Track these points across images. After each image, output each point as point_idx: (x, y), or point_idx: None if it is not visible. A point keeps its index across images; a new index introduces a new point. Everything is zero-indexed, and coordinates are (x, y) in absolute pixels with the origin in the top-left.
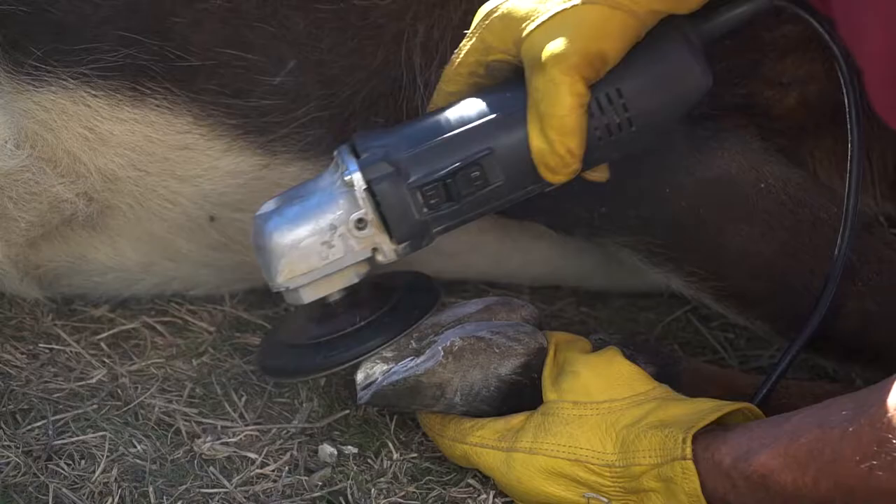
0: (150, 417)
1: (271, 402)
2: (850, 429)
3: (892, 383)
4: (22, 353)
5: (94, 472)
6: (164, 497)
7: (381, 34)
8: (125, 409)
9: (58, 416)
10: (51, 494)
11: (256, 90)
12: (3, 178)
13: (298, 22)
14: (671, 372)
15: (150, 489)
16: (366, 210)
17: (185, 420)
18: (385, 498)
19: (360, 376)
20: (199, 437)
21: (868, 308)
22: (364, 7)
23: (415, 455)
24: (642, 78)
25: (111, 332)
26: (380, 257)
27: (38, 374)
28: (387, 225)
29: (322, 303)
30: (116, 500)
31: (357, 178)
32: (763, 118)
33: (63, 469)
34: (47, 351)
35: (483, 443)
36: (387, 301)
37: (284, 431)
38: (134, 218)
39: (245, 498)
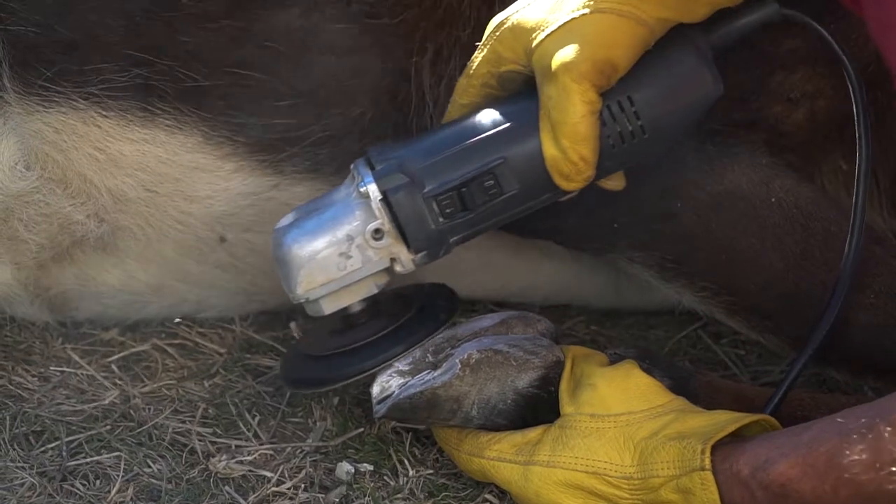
0: (164, 438)
1: (285, 422)
2: (870, 436)
3: None
4: (33, 376)
5: (109, 491)
6: None
7: (390, 53)
8: (139, 429)
9: (71, 438)
10: None
11: (266, 110)
12: (14, 201)
13: (308, 41)
14: (687, 386)
15: None
16: (382, 220)
17: (200, 440)
18: None
19: (375, 389)
20: (213, 457)
21: (880, 320)
22: (373, 26)
23: (430, 471)
24: (653, 86)
25: (122, 354)
26: (398, 267)
27: (51, 397)
28: (403, 235)
29: (343, 314)
30: None
31: (373, 189)
32: (771, 134)
33: (79, 489)
34: (58, 373)
35: (500, 457)
36: (407, 310)
37: (299, 450)
38: (144, 239)
39: None
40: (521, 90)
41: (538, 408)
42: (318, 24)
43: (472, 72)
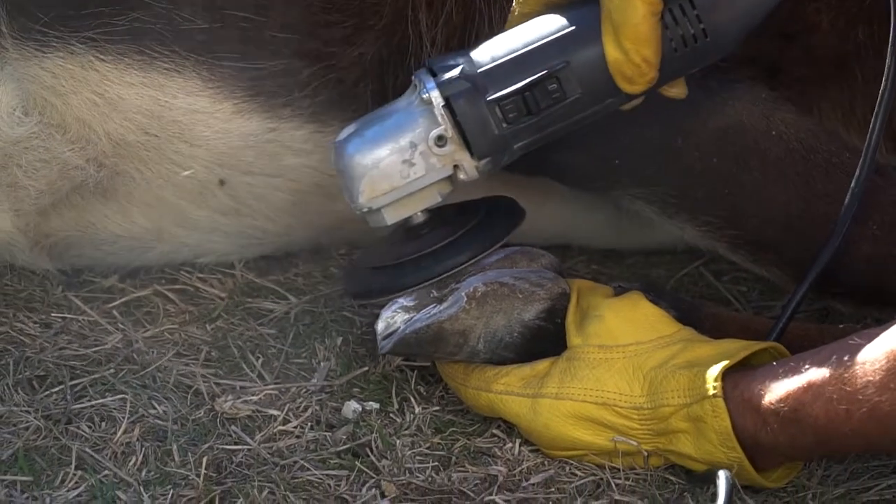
0: (169, 380)
1: (289, 363)
2: (882, 355)
3: None
4: (35, 323)
5: (115, 433)
6: (189, 454)
7: None
8: (142, 372)
9: (75, 381)
10: (73, 456)
11: (264, 52)
12: (13, 147)
13: None
14: (693, 317)
15: (174, 447)
16: (445, 126)
17: (204, 381)
18: (410, 450)
19: (380, 325)
20: (219, 397)
21: (883, 251)
22: None
23: (437, 408)
24: None
25: (123, 300)
26: (461, 175)
27: (53, 342)
28: (466, 141)
29: (405, 225)
30: (140, 459)
31: (435, 96)
32: (770, 69)
33: (84, 431)
34: (60, 320)
35: (508, 390)
36: (471, 220)
37: (304, 390)
38: (144, 183)
39: (269, 454)
40: None
41: (544, 340)
42: None
43: None
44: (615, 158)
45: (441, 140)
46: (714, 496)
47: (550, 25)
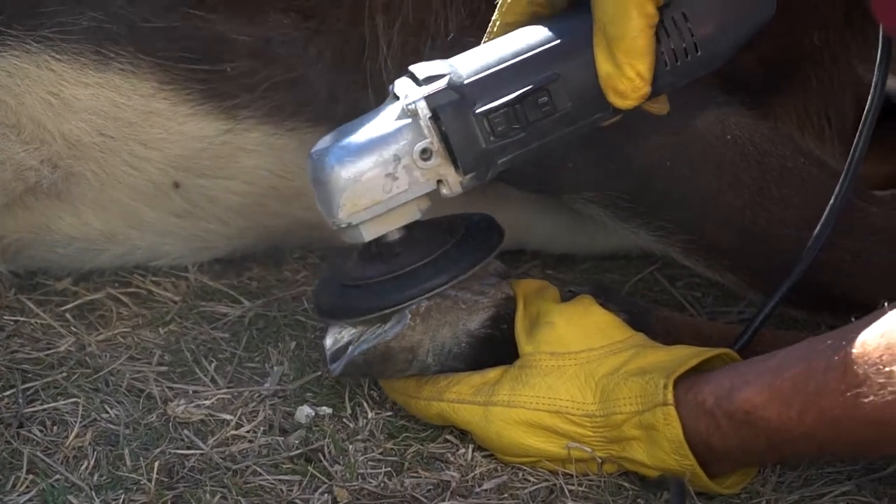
0: (121, 384)
1: (242, 367)
2: (836, 359)
3: (877, 316)
4: None
5: (67, 437)
6: (141, 459)
7: None
8: (95, 376)
9: (27, 385)
10: (25, 460)
11: (221, 54)
12: None
13: None
14: (643, 320)
15: (126, 452)
16: (431, 139)
17: (157, 385)
18: (363, 455)
19: (328, 341)
20: (171, 401)
21: (841, 259)
22: None
23: (390, 413)
24: (707, 2)
25: (76, 303)
26: (444, 190)
27: (5, 345)
28: (452, 154)
29: (380, 241)
30: (91, 463)
31: (422, 107)
32: (724, 74)
33: (36, 435)
34: (12, 322)
35: (460, 398)
36: (449, 240)
37: (257, 394)
38: (98, 185)
39: (222, 458)
40: (571, 9)
41: (493, 348)
42: None
43: None
44: (569, 161)
45: (426, 153)
46: (668, 503)
47: (539, 36)
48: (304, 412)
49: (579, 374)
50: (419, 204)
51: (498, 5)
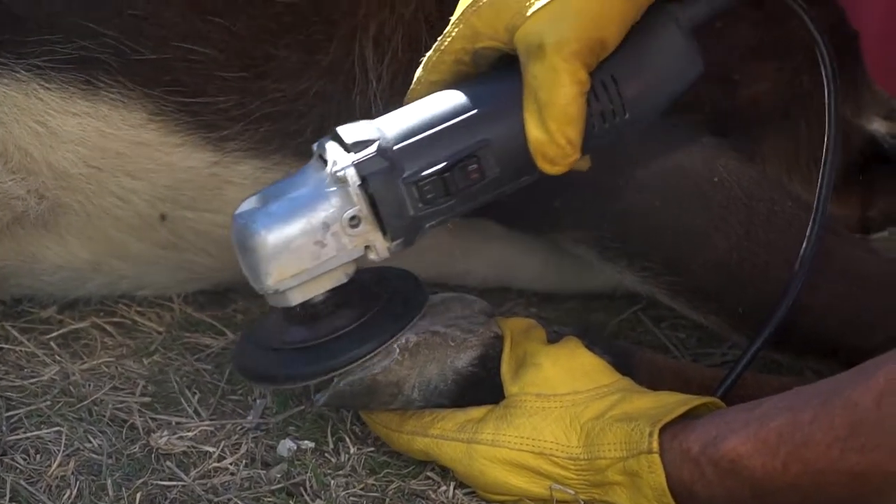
0: (105, 414)
1: (225, 399)
2: (822, 411)
3: (865, 369)
4: None
5: (50, 466)
6: (123, 489)
7: (333, 30)
8: (79, 405)
9: (11, 413)
10: (8, 488)
11: (211, 85)
12: None
13: (254, 17)
14: (627, 363)
15: (108, 482)
16: (360, 206)
17: (140, 416)
18: (344, 490)
19: (314, 396)
20: (154, 433)
21: (826, 303)
22: (317, 3)
23: (372, 449)
24: (636, 64)
25: (60, 331)
26: (372, 255)
27: None
28: (381, 222)
29: (306, 304)
30: (74, 493)
31: (351, 174)
32: (714, 114)
33: (19, 463)
34: None
35: (444, 434)
36: (374, 302)
37: (239, 427)
38: (85, 216)
39: (203, 490)
40: (498, 69)
41: (478, 386)
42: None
43: (444, 47)
44: (555, 200)
45: (354, 220)
46: None
47: (467, 99)
48: (287, 446)
49: (564, 417)
50: (346, 269)
51: (422, 63)
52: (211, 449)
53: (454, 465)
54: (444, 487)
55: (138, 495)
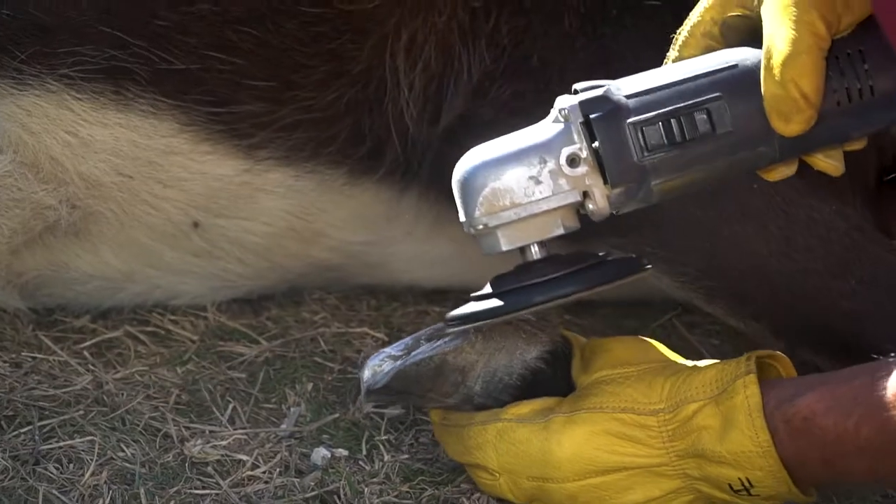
0: (138, 423)
1: (259, 408)
2: None
3: None
4: (4, 362)
5: (83, 475)
6: (156, 498)
7: (364, 38)
8: (112, 414)
9: (44, 422)
10: (40, 497)
11: (241, 94)
12: None
13: (284, 26)
14: None
15: (141, 491)
16: (581, 145)
17: (174, 425)
18: (378, 498)
19: (366, 374)
20: (188, 441)
21: (861, 307)
22: (349, 12)
23: (406, 456)
24: (888, 43)
25: (93, 341)
26: (590, 204)
27: (23, 382)
28: (601, 164)
29: (520, 262)
30: (107, 502)
31: (574, 111)
32: None
33: (52, 473)
34: (30, 359)
35: (520, 417)
36: (590, 259)
37: (273, 436)
38: (117, 225)
39: (237, 499)
40: (744, 41)
41: (542, 387)
42: (292, 8)
43: (696, 20)
44: None
45: (574, 160)
46: None
47: (707, 62)
48: (321, 454)
49: (643, 379)
50: (563, 217)
51: (673, 41)
52: (245, 457)
53: (528, 444)
54: (477, 495)
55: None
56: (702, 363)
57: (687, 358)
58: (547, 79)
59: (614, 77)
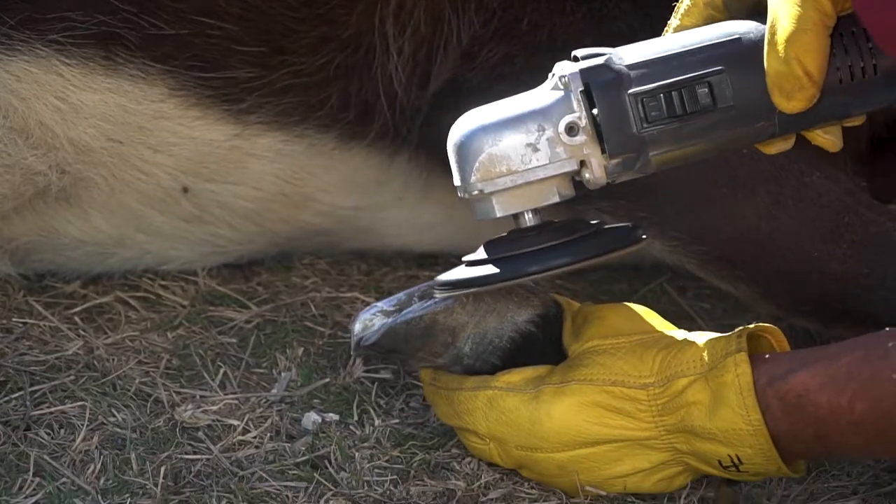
0: (129, 388)
1: (249, 373)
2: (892, 346)
3: None
4: None
5: (74, 440)
6: (147, 463)
7: (354, 3)
8: (103, 380)
9: (35, 388)
10: (31, 462)
11: (230, 59)
12: None
13: None
14: None
15: (132, 456)
16: (580, 114)
17: (165, 390)
18: (369, 462)
19: (357, 326)
20: (179, 406)
21: (853, 270)
22: None
23: (397, 421)
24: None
25: (84, 306)
26: (587, 174)
27: (14, 347)
28: (600, 134)
29: (513, 226)
30: (98, 467)
31: (575, 79)
32: None
33: (43, 438)
34: (21, 325)
35: (510, 386)
36: (583, 231)
37: (264, 400)
38: (107, 190)
39: (228, 463)
40: (747, 12)
41: (531, 351)
42: None
43: None
44: None
45: (573, 129)
46: None
47: (710, 33)
48: (311, 419)
49: (634, 351)
50: (559, 185)
51: (675, 9)
52: (235, 422)
53: (518, 413)
54: (468, 459)
55: (163, 469)
56: (693, 335)
57: (678, 322)
58: (537, 42)
59: (605, 40)
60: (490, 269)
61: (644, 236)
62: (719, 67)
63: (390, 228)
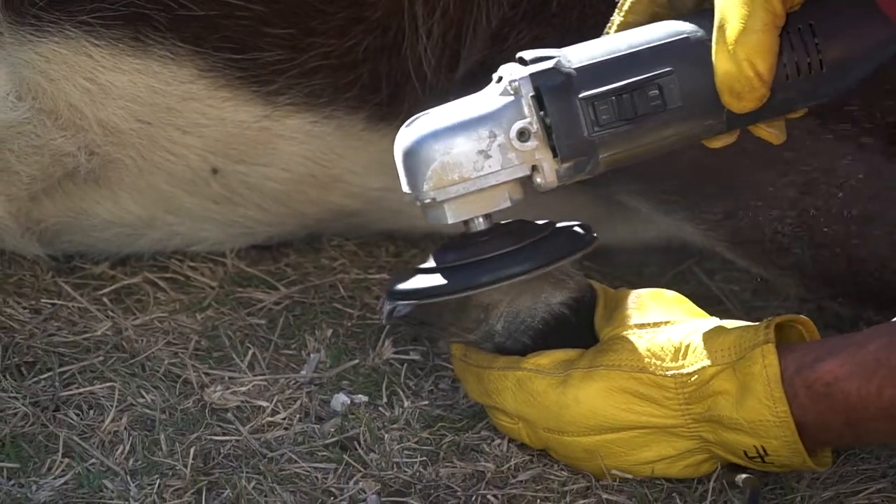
0: (158, 369)
1: (278, 354)
2: None
3: None
4: (24, 308)
5: (103, 421)
6: (176, 444)
7: None
8: (132, 361)
9: (64, 368)
10: (61, 443)
11: (259, 41)
12: (5, 131)
13: None
14: None
15: (162, 437)
16: (531, 119)
17: (194, 371)
18: (398, 444)
19: (389, 306)
20: (208, 387)
21: (885, 252)
22: None
23: (426, 402)
24: (840, 17)
25: (113, 287)
26: (538, 178)
27: (42, 328)
28: (551, 139)
29: (464, 230)
30: (127, 448)
31: (525, 84)
32: None
33: (72, 419)
34: (50, 306)
35: (539, 368)
36: (537, 234)
37: (293, 382)
38: (136, 171)
39: (258, 445)
40: (693, 10)
41: (563, 333)
42: None
43: None
44: None
45: (524, 134)
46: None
47: (656, 32)
48: (340, 400)
49: (664, 338)
50: (510, 190)
51: (618, 5)
52: (264, 403)
53: (544, 397)
54: (497, 441)
55: (192, 450)
56: (723, 324)
57: (707, 304)
58: (567, 25)
59: None
60: (439, 280)
61: (595, 235)
62: (668, 68)
63: (385, 204)
